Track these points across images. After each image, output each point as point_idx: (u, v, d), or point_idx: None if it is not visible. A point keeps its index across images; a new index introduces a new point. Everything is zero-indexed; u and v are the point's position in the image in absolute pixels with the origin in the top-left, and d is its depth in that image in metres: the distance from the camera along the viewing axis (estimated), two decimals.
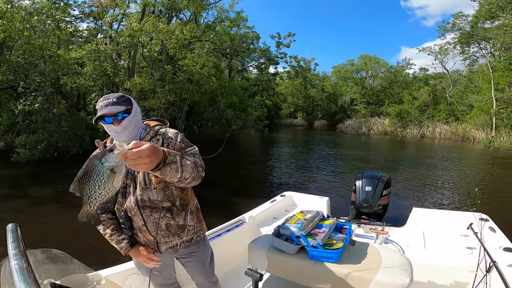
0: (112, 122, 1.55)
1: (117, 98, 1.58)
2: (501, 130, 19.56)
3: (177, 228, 1.71)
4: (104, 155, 1.05)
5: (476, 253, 2.32)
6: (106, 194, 1.09)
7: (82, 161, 1.52)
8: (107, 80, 14.85)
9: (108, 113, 1.53)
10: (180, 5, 16.47)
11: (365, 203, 3.52)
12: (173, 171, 1.26)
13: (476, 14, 22.28)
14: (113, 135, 1.62)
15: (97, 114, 1.57)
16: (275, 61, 28.35)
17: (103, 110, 1.53)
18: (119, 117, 1.55)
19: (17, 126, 12.49)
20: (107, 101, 1.56)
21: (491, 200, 7.30)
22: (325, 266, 1.77)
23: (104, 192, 1.08)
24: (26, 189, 8.13)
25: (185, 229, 1.73)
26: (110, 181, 1.07)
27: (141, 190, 1.63)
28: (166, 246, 1.74)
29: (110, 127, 1.56)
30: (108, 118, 1.55)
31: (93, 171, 1.06)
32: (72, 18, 16.34)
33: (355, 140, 24.14)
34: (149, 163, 1.12)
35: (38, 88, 12.22)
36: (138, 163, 1.09)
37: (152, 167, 1.15)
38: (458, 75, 29.97)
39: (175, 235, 1.72)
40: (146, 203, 1.63)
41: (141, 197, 1.63)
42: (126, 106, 1.57)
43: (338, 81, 40.76)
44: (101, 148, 1.68)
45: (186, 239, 1.75)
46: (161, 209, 1.63)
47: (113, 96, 1.58)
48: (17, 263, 0.86)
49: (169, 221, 1.68)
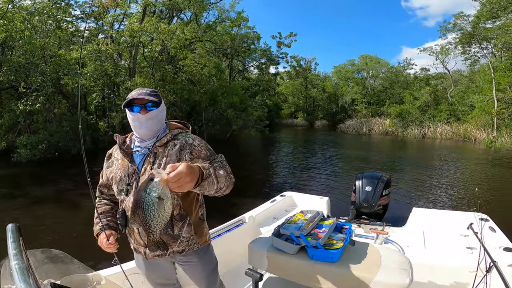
0: (139, 111, 1.57)
1: (150, 91, 1.62)
2: (502, 131, 19.51)
3: (170, 238, 1.64)
4: (147, 186, 1.10)
5: (476, 253, 2.32)
6: (162, 220, 1.14)
7: (83, 161, 1.52)
8: (108, 80, 14.88)
9: (138, 99, 1.56)
10: (181, 5, 16.46)
11: (365, 203, 3.51)
12: (210, 184, 1.28)
13: (477, 14, 22.23)
14: (136, 125, 1.61)
15: (126, 100, 1.59)
16: (275, 61, 28.35)
17: (135, 96, 1.56)
18: (148, 106, 1.58)
19: (18, 126, 12.54)
20: (141, 90, 1.59)
21: (491, 200, 7.29)
22: (325, 266, 1.77)
23: (160, 219, 1.13)
24: (26, 188, 8.14)
25: (178, 240, 1.65)
26: (161, 208, 1.12)
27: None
28: (153, 254, 1.66)
29: (136, 116, 1.57)
30: (136, 106, 1.57)
31: (143, 203, 1.10)
32: (73, 18, 16.37)
33: (356, 140, 24.13)
34: (190, 182, 1.15)
35: (39, 88, 12.25)
36: (181, 185, 1.12)
37: (193, 185, 1.18)
38: (459, 75, 29.88)
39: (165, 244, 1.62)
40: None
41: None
42: (157, 98, 1.61)
43: (339, 81, 40.69)
44: (119, 141, 1.72)
45: (176, 250, 1.67)
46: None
47: (147, 89, 1.62)
48: (17, 263, 0.86)
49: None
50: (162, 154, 1.59)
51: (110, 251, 1.69)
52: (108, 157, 1.80)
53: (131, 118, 1.61)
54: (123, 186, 1.64)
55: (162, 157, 1.58)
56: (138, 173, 1.62)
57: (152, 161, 1.59)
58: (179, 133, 1.67)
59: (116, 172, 1.69)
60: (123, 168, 1.66)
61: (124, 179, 1.64)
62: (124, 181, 1.64)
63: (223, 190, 1.38)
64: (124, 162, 1.67)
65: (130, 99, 1.58)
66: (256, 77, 31.21)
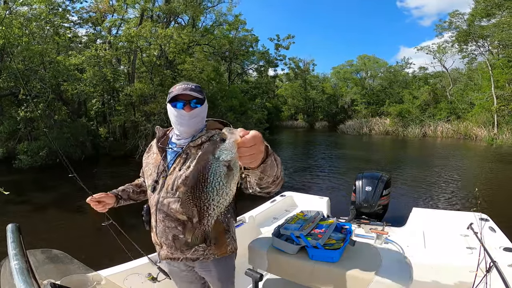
0: (183, 108, 1.51)
1: (195, 86, 1.55)
2: (503, 128, 19.54)
3: (183, 245, 1.56)
4: (217, 147, 0.83)
5: (476, 253, 2.31)
6: (224, 202, 0.87)
7: (84, 167, 1.53)
8: (107, 86, 14.91)
9: (184, 95, 1.50)
10: (178, 9, 16.51)
11: (365, 203, 3.51)
12: (272, 166, 1.06)
13: (472, 12, 22.32)
14: (177, 122, 1.55)
15: (170, 96, 1.53)
16: (274, 63, 28.45)
17: (180, 92, 1.50)
18: (192, 103, 1.52)
19: (19, 133, 12.54)
20: (186, 85, 1.53)
21: (492, 200, 7.28)
22: (325, 266, 1.77)
23: (223, 199, 0.86)
24: (28, 194, 8.16)
25: (192, 249, 1.56)
26: (229, 183, 0.84)
27: (165, 193, 1.54)
28: (165, 256, 1.62)
29: (179, 112, 1.51)
30: (180, 102, 1.51)
31: (208, 170, 0.82)
32: (71, 24, 16.42)
33: (356, 141, 24.13)
34: (262, 152, 0.94)
35: (39, 94, 12.26)
36: (255, 152, 0.88)
37: (263, 156, 0.96)
38: (458, 73, 29.97)
39: (178, 250, 1.58)
40: (163, 208, 1.53)
41: (162, 199, 1.54)
42: (202, 96, 1.53)
43: (338, 82, 40.71)
44: (159, 134, 1.67)
45: (190, 257, 1.58)
46: (174, 219, 1.52)
47: (192, 84, 1.55)
48: (17, 263, 0.86)
49: (177, 235, 1.54)
50: (194, 156, 1.51)
51: (95, 208, 1.74)
52: (148, 148, 1.77)
53: (173, 114, 1.54)
54: (151, 181, 1.61)
55: (194, 159, 1.49)
56: (166, 172, 1.56)
57: (182, 162, 1.53)
58: (215, 134, 1.51)
59: (149, 166, 1.66)
60: (155, 164, 1.62)
61: (153, 175, 1.60)
62: (153, 177, 1.60)
63: (278, 180, 1.17)
64: (158, 157, 1.63)
65: (175, 95, 1.51)
66: (255, 80, 31.27)
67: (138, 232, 2.03)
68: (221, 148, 0.82)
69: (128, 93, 14.59)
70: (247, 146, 0.85)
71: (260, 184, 1.14)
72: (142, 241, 2.17)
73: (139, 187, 1.90)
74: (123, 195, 1.84)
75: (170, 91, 1.55)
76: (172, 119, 1.57)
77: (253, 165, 0.94)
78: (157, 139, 1.67)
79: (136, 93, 14.37)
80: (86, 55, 13.83)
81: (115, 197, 1.79)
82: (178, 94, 1.50)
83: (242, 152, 0.85)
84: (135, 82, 15.52)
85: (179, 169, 1.51)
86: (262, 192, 1.24)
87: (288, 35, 26.91)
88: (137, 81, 15.73)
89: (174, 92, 1.51)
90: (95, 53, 14.18)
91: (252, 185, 1.21)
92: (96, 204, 1.74)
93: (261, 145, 0.90)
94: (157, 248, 1.68)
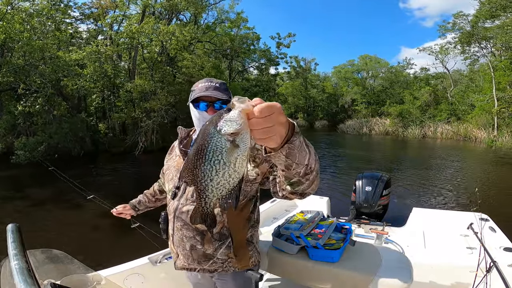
0: (206, 110, 1.38)
1: (220, 84, 1.40)
2: (503, 130, 19.51)
3: (201, 256, 1.44)
4: (220, 118, 0.69)
5: (476, 253, 2.31)
6: (225, 184, 0.74)
7: (84, 162, 1.52)
8: (107, 82, 14.89)
9: (206, 97, 1.36)
10: (179, 6, 16.48)
11: (365, 203, 3.51)
12: (302, 150, 0.84)
13: (477, 14, 22.25)
14: (199, 125, 1.42)
15: (192, 94, 1.41)
16: (275, 61, 28.43)
17: (203, 92, 1.36)
18: (216, 105, 1.38)
19: (18, 127, 12.53)
20: (210, 83, 1.39)
21: (492, 200, 7.28)
22: (325, 266, 1.77)
23: (223, 180, 0.73)
24: (26, 190, 8.15)
25: (210, 260, 1.44)
26: (232, 161, 0.70)
27: (185, 200, 1.43)
28: (181, 266, 1.51)
29: (201, 114, 1.38)
30: (203, 103, 1.37)
31: (208, 145, 0.69)
32: (73, 20, 16.39)
33: (356, 141, 24.14)
34: (283, 125, 0.73)
35: (39, 89, 12.24)
36: (272, 125, 0.69)
37: (285, 133, 0.75)
38: (459, 75, 29.90)
39: (195, 260, 1.46)
40: (182, 216, 1.43)
41: (181, 206, 1.43)
42: (227, 96, 1.38)
43: (339, 82, 40.71)
44: (181, 135, 1.54)
45: (208, 268, 1.46)
46: (192, 228, 1.42)
47: (216, 81, 1.41)
48: (17, 263, 0.86)
49: (195, 245, 1.43)
50: None
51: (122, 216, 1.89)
52: (171, 149, 1.66)
53: (195, 116, 1.42)
54: (171, 187, 1.49)
55: None
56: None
57: None
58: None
59: (171, 170, 1.54)
60: (177, 167, 1.50)
61: (174, 180, 1.49)
62: (174, 182, 1.49)
63: (313, 174, 0.95)
64: (180, 161, 1.50)
65: (197, 96, 1.38)
66: (256, 77, 31.25)
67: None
68: (225, 118, 0.68)
69: (129, 90, 14.57)
70: (260, 117, 0.67)
71: (290, 178, 0.94)
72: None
73: (153, 196, 1.89)
74: (140, 207, 1.91)
75: (192, 89, 1.44)
76: (194, 120, 1.45)
77: (272, 144, 0.74)
78: (179, 141, 1.54)
79: (136, 89, 14.35)
80: (87, 50, 13.81)
81: (133, 209, 1.91)
82: (199, 97, 1.37)
83: (254, 124, 0.68)
84: (135, 78, 15.52)
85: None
86: (295, 193, 1.05)
87: (289, 33, 26.87)
88: (137, 77, 15.73)
89: (196, 92, 1.39)
90: (96, 49, 14.16)
91: (282, 184, 1.04)
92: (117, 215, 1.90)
93: (279, 115, 0.70)
94: (173, 256, 1.58)
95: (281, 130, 0.72)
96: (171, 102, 14.88)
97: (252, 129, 0.69)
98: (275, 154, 0.80)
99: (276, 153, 0.80)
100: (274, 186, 1.16)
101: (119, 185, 9.31)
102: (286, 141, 0.78)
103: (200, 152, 0.70)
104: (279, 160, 0.85)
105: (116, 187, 8.94)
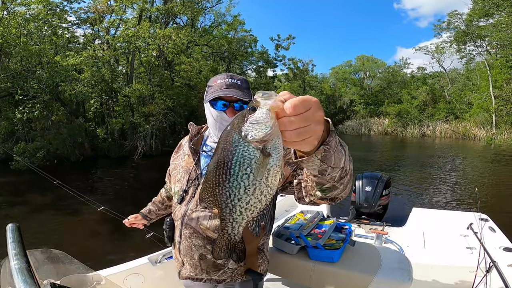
0: (224, 110, 1.24)
1: (241, 82, 1.25)
2: (501, 127, 19.59)
3: (211, 266, 1.33)
4: (244, 121, 0.56)
5: (476, 253, 2.31)
6: (257, 203, 0.60)
7: (83, 168, 1.51)
8: (105, 86, 14.87)
9: (227, 96, 1.22)
10: (176, 9, 16.49)
11: (365, 203, 3.52)
12: (339, 150, 0.71)
13: (470, 12, 22.40)
14: (215, 126, 1.29)
15: (209, 90, 1.26)
16: (273, 64, 28.43)
17: (223, 91, 1.21)
18: (237, 105, 1.24)
19: (16, 134, 12.48)
20: (230, 80, 1.23)
21: (491, 200, 7.28)
22: (325, 266, 1.77)
23: (254, 198, 0.59)
24: (25, 196, 8.12)
25: (220, 270, 1.33)
26: (263, 174, 0.57)
27: (194, 205, 1.31)
28: (187, 275, 1.38)
29: (220, 115, 1.25)
30: (221, 101, 1.23)
31: (232, 157, 0.56)
32: (69, 24, 16.37)
33: (356, 141, 24.16)
34: (320, 125, 0.59)
35: (36, 95, 12.19)
36: (308, 124, 0.55)
37: (321, 131, 0.60)
38: (456, 74, 30.07)
39: (204, 271, 1.34)
40: (191, 223, 1.31)
41: (190, 212, 1.31)
42: (249, 96, 1.24)
43: (337, 83, 40.76)
44: (194, 131, 1.40)
45: (216, 278, 1.35)
46: (203, 236, 1.30)
47: (237, 77, 1.26)
48: (17, 263, 0.86)
49: (205, 254, 1.32)
50: None
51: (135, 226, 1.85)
52: (177, 147, 1.52)
53: (212, 115, 1.27)
54: (178, 189, 1.37)
55: None
56: (199, 180, 1.31)
57: None
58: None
59: (178, 170, 1.41)
60: (186, 168, 1.37)
61: (182, 181, 1.36)
62: (181, 184, 1.36)
63: (348, 177, 0.82)
64: (189, 160, 1.37)
65: (216, 96, 1.22)
66: (254, 80, 31.25)
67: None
68: (250, 120, 0.55)
69: (127, 94, 14.54)
70: (293, 115, 0.54)
71: (322, 184, 0.80)
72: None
73: (162, 203, 1.82)
74: (151, 216, 1.85)
75: (210, 84, 1.28)
76: (209, 119, 1.31)
77: (307, 147, 0.61)
78: (190, 138, 1.41)
79: (134, 94, 14.33)
80: (84, 55, 13.78)
81: (145, 219, 1.85)
82: (219, 96, 1.22)
83: (286, 125, 0.55)
84: (133, 82, 15.50)
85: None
86: (325, 198, 0.88)
87: (288, 35, 26.95)
88: (135, 82, 15.71)
89: (214, 89, 1.24)
90: (93, 54, 14.14)
91: (310, 190, 0.88)
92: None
93: (317, 111, 0.56)
94: (177, 265, 1.45)
95: (318, 130, 0.58)
96: (169, 106, 14.89)
97: (283, 130, 0.55)
98: (308, 158, 0.67)
99: (309, 157, 0.67)
100: (299, 191, 1.01)
101: (120, 189, 9.29)
102: (321, 142, 0.65)
103: (222, 166, 0.57)
104: (312, 166, 0.71)
105: (116, 192, 8.92)
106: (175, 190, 1.40)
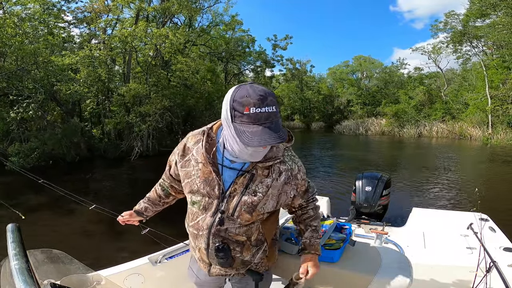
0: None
1: (275, 106, 1.07)
2: (497, 127, 19.71)
3: (239, 263, 1.40)
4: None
5: (476, 253, 2.32)
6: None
7: (79, 168, 1.49)
8: (101, 86, 14.81)
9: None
10: (172, 9, 16.45)
11: (365, 203, 3.52)
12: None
13: (467, 13, 22.52)
14: (242, 152, 1.19)
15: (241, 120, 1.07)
16: (271, 64, 28.46)
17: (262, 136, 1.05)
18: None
19: (11, 134, 12.37)
20: (266, 109, 1.05)
21: (491, 200, 7.29)
22: (325, 266, 1.76)
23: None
24: (21, 196, 8.06)
25: (248, 266, 1.43)
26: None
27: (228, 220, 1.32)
28: (218, 273, 1.45)
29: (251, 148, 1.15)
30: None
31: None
32: (66, 24, 16.29)
33: (353, 141, 24.26)
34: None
35: (31, 95, 12.09)
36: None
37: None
38: (452, 74, 30.23)
39: (233, 268, 1.42)
40: (221, 233, 1.32)
41: (219, 223, 1.31)
42: (285, 135, 1.11)
43: (334, 83, 40.85)
44: (204, 138, 1.30)
45: (243, 272, 1.45)
46: (232, 241, 1.35)
47: (269, 100, 1.06)
48: (17, 264, 0.85)
49: (234, 255, 1.37)
50: (260, 178, 1.25)
51: (129, 223, 1.74)
52: (183, 150, 1.39)
53: (238, 143, 1.15)
54: (200, 198, 1.33)
55: (260, 183, 1.25)
56: (224, 193, 1.28)
57: (246, 184, 1.24)
58: (285, 153, 1.30)
59: (194, 180, 1.32)
60: (203, 177, 1.30)
61: (203, 192, 1.31)
62: (201, 194, 1.32)
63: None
64: (206, 169, 1.29)
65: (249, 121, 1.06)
66: (252, 80, 31.23)
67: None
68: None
69: (121, 94, 14.47)
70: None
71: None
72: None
73: (159, 200, 1.70)
74: (147, 213, 1.72)
75: (238, 109, 1.07)
76: (231, 141, 1.18)
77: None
78: (205, 147, 1.29)
79: (129, 93, 14.26)
80: (80, 55, 13.70)
81: (140, 216, 1.73)
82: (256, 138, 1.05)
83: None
84: (130, 82, 15.44)
85: (242, 193, 1.25)
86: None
87: (286, 35, 27.00)
88: (132, 81, 15.65)
89: (247, 120, 1.06)
90: (89, 53, 14.07)
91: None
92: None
93: (318, 269, 1.44)
94: (202, 266, 1.48)
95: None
96: (166, 105, 14.85)
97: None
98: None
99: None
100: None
101: (115, 190, 9.26)
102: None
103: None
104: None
105: (112, 193, 8.89)
106: (194, 199, 1.35)
